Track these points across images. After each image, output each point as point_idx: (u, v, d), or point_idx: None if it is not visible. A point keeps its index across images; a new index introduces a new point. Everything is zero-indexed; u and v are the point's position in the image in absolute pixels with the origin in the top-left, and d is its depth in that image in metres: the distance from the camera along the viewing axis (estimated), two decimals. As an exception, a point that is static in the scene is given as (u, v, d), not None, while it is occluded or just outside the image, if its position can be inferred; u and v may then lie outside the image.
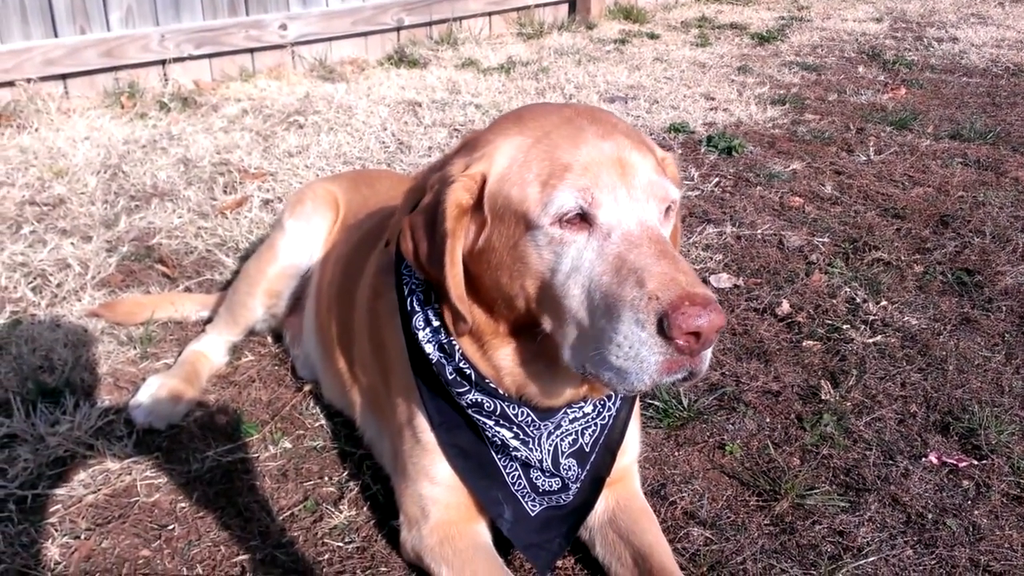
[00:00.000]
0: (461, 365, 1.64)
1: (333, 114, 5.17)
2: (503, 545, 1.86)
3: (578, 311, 1.42)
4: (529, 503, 1.78)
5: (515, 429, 1.68)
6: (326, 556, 1.98)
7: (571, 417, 1.73)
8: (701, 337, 1.31)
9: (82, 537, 2.01)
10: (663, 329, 1.30)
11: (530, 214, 1.45)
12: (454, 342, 1.64)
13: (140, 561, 1.96)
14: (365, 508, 2.13)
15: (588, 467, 1.79)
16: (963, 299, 3.06)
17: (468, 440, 1.74)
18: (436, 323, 1.65)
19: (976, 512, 2.05)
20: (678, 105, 5.39)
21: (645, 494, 2.02)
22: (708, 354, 1.41)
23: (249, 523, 2.09)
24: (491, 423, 1.68)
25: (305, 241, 2.60)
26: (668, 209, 1.55)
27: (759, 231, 3.59)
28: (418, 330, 1.68)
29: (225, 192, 4.02)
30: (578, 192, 1.42)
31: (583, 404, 1.73)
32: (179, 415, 2.45)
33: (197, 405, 2.52)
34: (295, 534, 2.06)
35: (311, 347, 2.58)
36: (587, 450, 1.78)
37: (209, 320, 2.85)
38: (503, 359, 1.64)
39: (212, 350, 2.68)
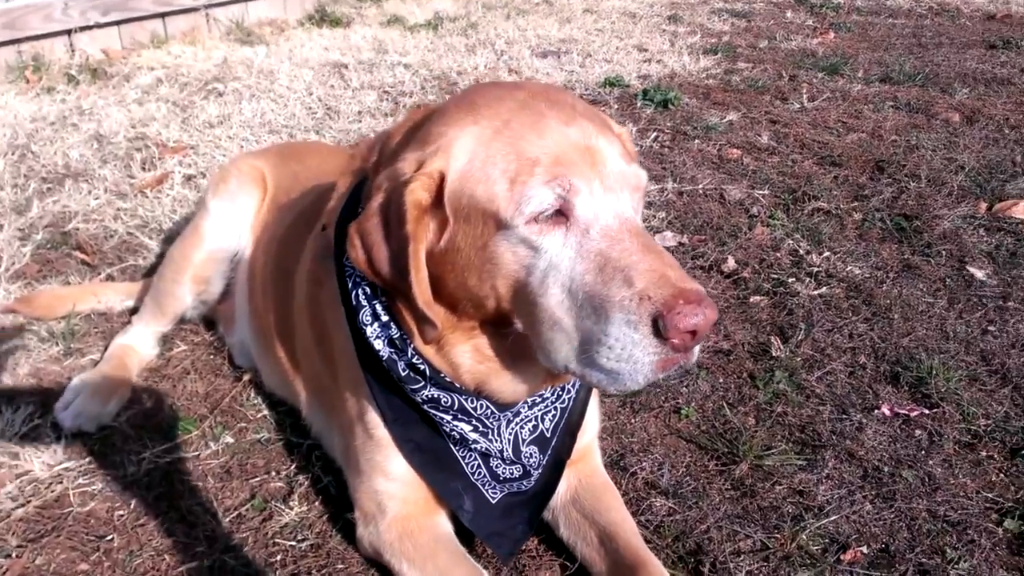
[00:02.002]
0: (415, 361, 1.55)
1: (254, 80, 4.94)
2: (466, 534, 1.80)
3: (558, 312, 1.35)
4: (490, 491, 1.71)
5: (474, 422, 1.61)
6: (278, 557, 1.89)
7: (530, 403, 1.67)
8: (697, 335, 1.26)
9: (13, 555, 1.88)
10: (658, 330, 1.25)
11: (501, 214, 1.35)
12: (406, 337, 1.55)
13: (79, 576, 1.85)
14: (317, 502, 2.05)
15: (549, 452, 1.74)
16: (903, 245, 3.08)
17: (424, 434, 1.66)
18: (385, 317, 1.56)
19: (931, 462, 2.07)
20: (611, 58, 5.30)
21: (605, 466, 1.98)
22: (698, 347, 1.37)
23: (194, 528, 1.98)
24: (448, 418, 1.60)
25: (232, 222, 2.45)
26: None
27: (700, 186, 3.55)
28: (366, 326, 1.58)
29: (144, 169, 3.81)
30: (553, 189, 1.32)
31: (543, 391, 1.67)
32: (110, 415, 2.31)
33: (129, 403, 2.38)
34: (244, 536, 1.96)
35: (247, 335, 2.45)
36: (548, 435, 1.72)
37: (135, 310, 2.69)
38: (462, 356, 1.55)
39: (140, 342, 2.54)
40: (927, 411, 2.23)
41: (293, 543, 1.93)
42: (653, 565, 1.68)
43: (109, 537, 1.94)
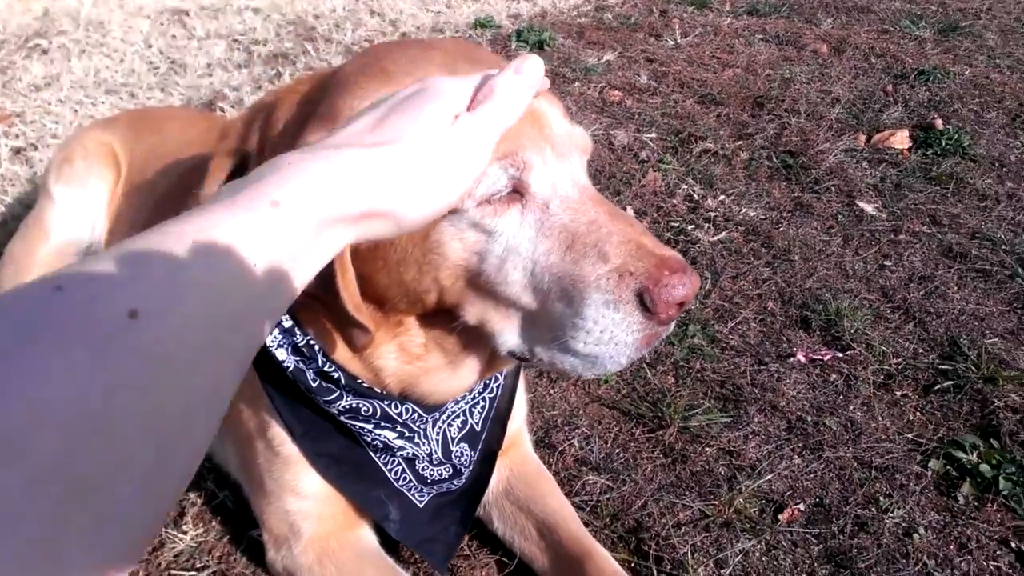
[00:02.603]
0: (326, 369, 1.34)
1: (83, 33, 4.41)
2: (393, 543, 1.65)
3: (521, 298, 1.16)
4: (416, 495, 1.55)
5: (399, 428, 1.43)
6: (179, 589, 1.68)
7: (457, 398, 1.50)
8: (684, 305, 1.12)
9: None
10: (644, 305, 1.10)
11: None
12: (312, 341, 1.34)
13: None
14: (215, 522, 1.83)
15: (480, 446, 1.59)
16: (792, 183, 3.09)
17: (340, 446, 1.46)
18: (287, 322, 1.34)
19: (850, 407, 2.07)
20: (478, -4, 5.06)
21: (532, 446, 1.86)
22: None
23: (75, 564, 1.73)
24: (369, 427, 1.41)
25: (81, 210, 2.12)
26: None
27: (588, 132, 3.43)
28: None
29: (-38, 144, 3.32)
30: (504, 162, 1.12)
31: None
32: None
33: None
34: (132, 572, 1.73)
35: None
36: (478, 429, 1.56)
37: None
38: (385, 359, 1.34)
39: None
40: (840, 354, 2.23)
41: (192, 573, 1.72)
42: (599, 555, 1.58)
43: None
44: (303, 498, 1.53)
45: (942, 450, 1.92)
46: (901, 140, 3.28)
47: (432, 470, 1.53)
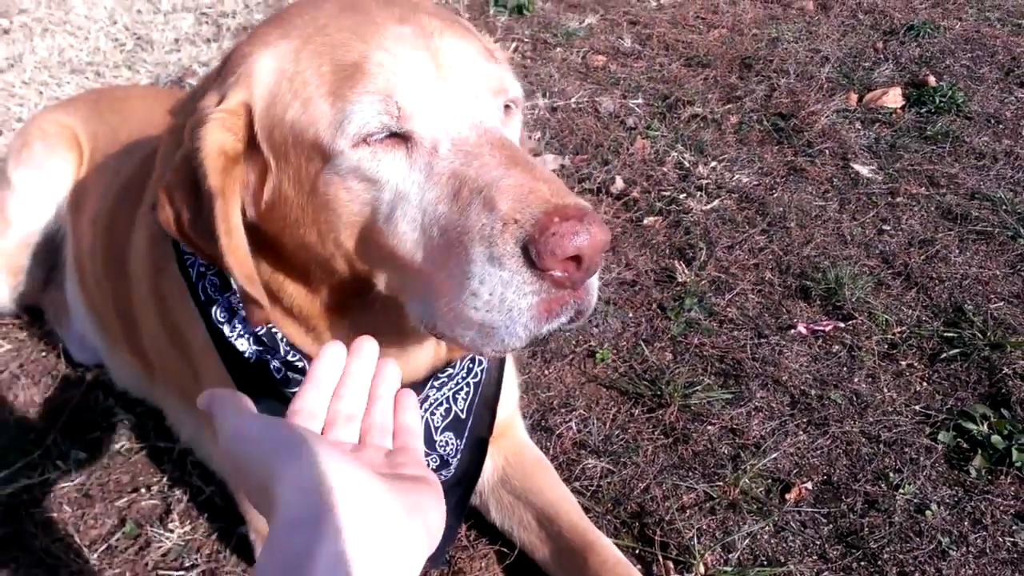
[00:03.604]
0: (290, 358, 1.25)
1: (44, 11, 4.25)
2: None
3: (415, 256, 1.05)
4: None
5: None
6: (165, 592, 1.61)
7: (438, 384, 1.41)
8: (583, 261, 0.96)
9: None
10: (531, 260, 0.96)
11: (322, 140, 1.04)
12: (275, 330, 1.25)
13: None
14: (201, 519, 1.75)
15: (467, 434, 1.51)
16: (784, 147, 3.00)
17: None
18: (245, 312, 1.25)
19: (855, 379, 2.00)
20: (453, -39, 4.90)
21: (529, 431, 1.78)
22: (595, 282, 1.08)
23: (55, 570, 1.66)
24: None
25: (43, 196, 2.02)
26: (508, 109, 1.18)
27: (572, 100, 3.32)
28: (222, 324, 1.26)
29: (-80, 131, 3.18)
30: (381, 100, 1.02)
31: (448, 368, 1.41)
32: (-78, 447, 1.89)
33: (-55, 428, 1.97)
34: (118, 571, 1.66)
35: (85, 327, 2.06)
36: (463, 416, 1.48)
37: (-66, 311, 2.22)
38: (337, 338, 1.26)
39: (-51, 351, 2.09)
40: (841, 324, 2.16)
41: (180, 572, 1.64)
42: (601, 545, 1.51)
43: (-53, 600, 1.60)
44: None
45: (951, 421, 1.86)
46: (894, 99, 3.19)
47: None
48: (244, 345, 1.27)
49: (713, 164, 2.89)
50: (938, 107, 3.11)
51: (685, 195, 2.73)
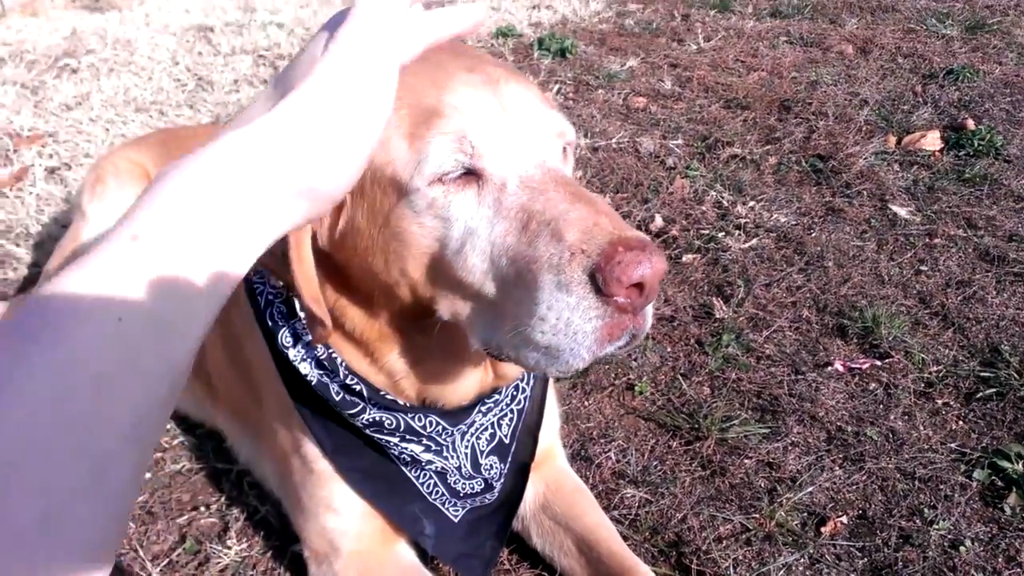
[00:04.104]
0: (348, 382, 1.34)
1: (111, 52, 4.47)
2: (433, 558, 1.64)
3: (484, 285, 1.13)
4: (451, 510, 1.55)
5: (425, 441, 1.43)
6: (222, 606, 1.69)
7: (484, 410, 1.49)
8: (645, 288, 1.04)
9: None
10: (597, 287, 1.04)
11: (400, 177, 1.12)
12: (335, 355, 1.34)
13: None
14: (258, 537, 1.84)
15: (510, 459, 1.58)
16: (822, 188, 3.06)
17: (371, 461, 1.47)
18: (308, 337, 1.34)
19: (891, 417, 2.04)
20: (499, 5, 5.07)
21: (568, 460, 1.85)
22: (650, 309, 1.15)
23: (118, 583, 1.75)
24: (396, 440, 1.41)
25: (114, 227, 2.15)
26: (564, 151, 1.25)
27: (612, 140, 3.42)
28: (287, 348, 1.37)
29: (-3, 165, 3.37)
30: (455, 140, 1.11)
31: (494, 394, 1.49)
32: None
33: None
34: (178, 586, 1.74)
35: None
36: (507, 441, 1.55)
37: (10, 335, 2.35)
38: (396, 363, 1.35)
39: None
40: (878, 362, 2.20)
41: (236, 588, 1.73)
42: (640, 571, 1.56)
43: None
44: (340, 515, 1.53)
45: (986, 459, 1.89)
46: (932, 141, 3.24)
47: (464, 483, 1.53)
48: (306, 368, 1.36)
49: (752, 204, 2.96)
50: (976, 150, 3.15)
51: (724, 233, 2.79)
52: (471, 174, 1.13)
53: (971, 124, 3.32)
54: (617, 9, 5.00)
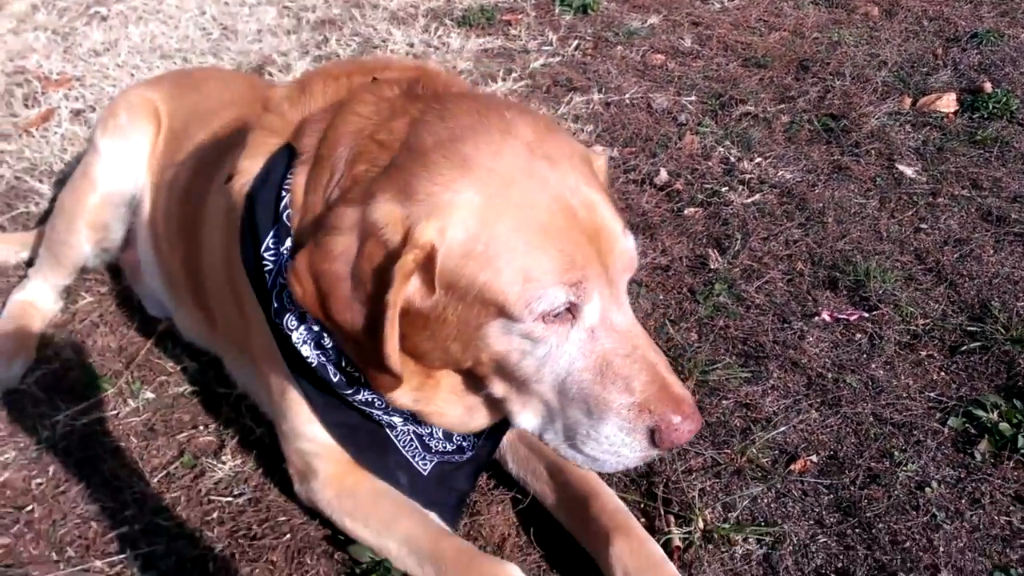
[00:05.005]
0: (348, 369, 1.47)
1: (140, 0, 4.54)
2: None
3: (547, 396, 1.36)
4: (420, 463, 1.64)
5: (407, 415, 1.56)
6: (215, 514, 1.80)
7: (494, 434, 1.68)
8: (683, 441, 1.34)
9: (-79, 538, 1.73)
10: (652, 439, 1.31)
11: (509, 308, 1.26)
12: (327, 342, 1.47)
13: (0, 551, 1.71)
14: (251, 455, 1.94)
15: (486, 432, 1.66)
16: (832, 146, 3.05)
17: (355, 420, 1.58)
18: (317, 327, 1.44)
19: (873, 365, 2.07)
20: (524, -38, 5.04)
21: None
22: None
23: (120, 491, 1.86)
24: (380, 412, 1.54)
25: (125, 162, 2.24)
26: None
27: (626, 95, 3.44)
28: (292, 330, 1.46)
29: (26, 106, 3.49)
30: (568, 289, 1.26)
31: (503, 424, 1.61)
32: (16, 378, 2.14)
33: (35, 363, 2.21)
34: (176, 495, 1.85)
35: (156, 285, 2.27)
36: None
37: (31, 262, 2.47)
38: (404, 398, 1.47)
39: (40, 297, 2.34)
40: (866, 314, 2.23)
41: (229, 499, 1.83)
42: (605, 494, 1.64)
43: (29, 508, 1.82)
44: (318, 443, 1.62)
45: (962, 408, 1.92)
46: (947, 103, 3.21)
47: (438, 442, 1.62)
48: (308, 351, 1.46)
49: (758, 160, 2.97)
50: (991, 113, 3.11)
51: (727, 188, 2.81)
52: (568, 312, 1.28)
53: (988, 87, 3.28)
54: (643, -33, 4.96)
